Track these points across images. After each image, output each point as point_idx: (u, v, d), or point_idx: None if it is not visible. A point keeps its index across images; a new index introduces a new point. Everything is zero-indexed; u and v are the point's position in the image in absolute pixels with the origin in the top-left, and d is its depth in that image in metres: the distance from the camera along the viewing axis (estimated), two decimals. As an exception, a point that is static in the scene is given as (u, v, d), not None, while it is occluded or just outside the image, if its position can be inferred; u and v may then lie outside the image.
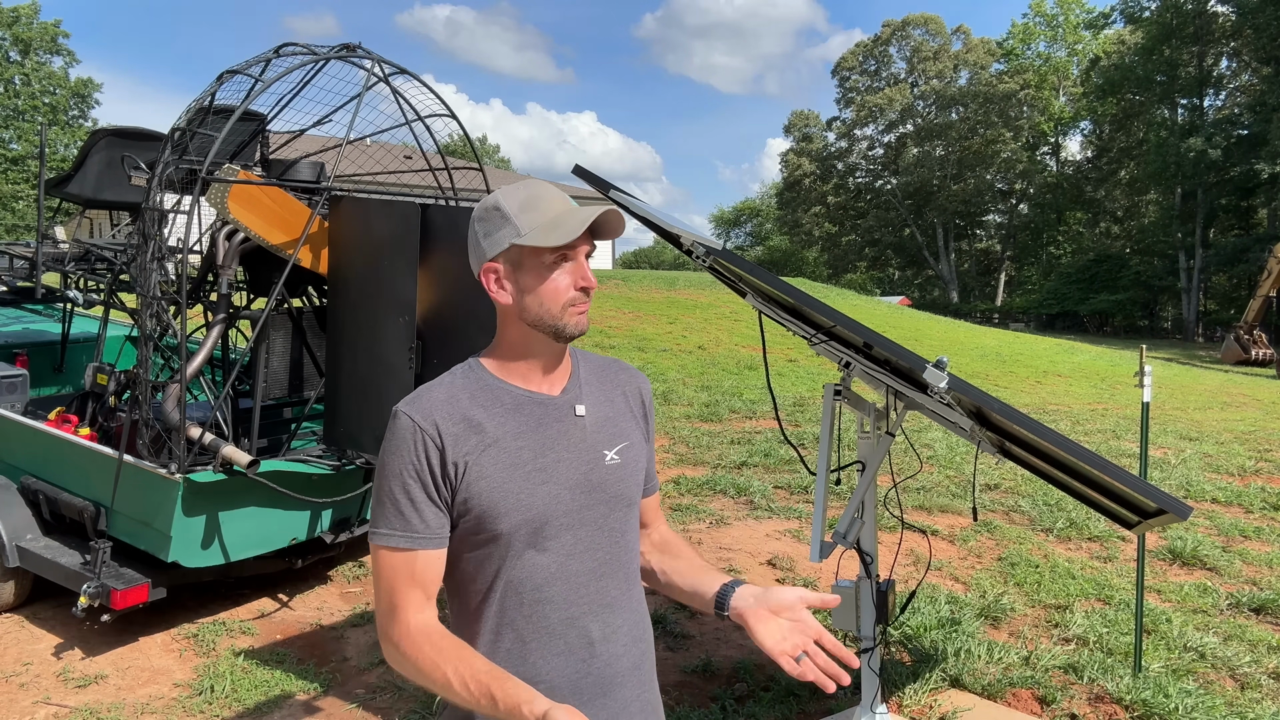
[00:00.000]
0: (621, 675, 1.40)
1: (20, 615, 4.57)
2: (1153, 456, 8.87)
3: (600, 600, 1.38)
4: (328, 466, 4.41)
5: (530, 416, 1.36)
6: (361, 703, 3.73)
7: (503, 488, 1.31)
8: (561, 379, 1.42)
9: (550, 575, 1.34)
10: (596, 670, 1.37)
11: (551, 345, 1.38)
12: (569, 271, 1.33)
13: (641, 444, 1.49)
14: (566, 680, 1.34)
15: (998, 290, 57.64)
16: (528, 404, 1.37)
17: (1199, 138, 40.16)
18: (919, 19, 58.26)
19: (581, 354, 1.50)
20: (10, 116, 42.30)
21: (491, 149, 65.99)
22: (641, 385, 1.54)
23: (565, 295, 1.33)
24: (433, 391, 1.37)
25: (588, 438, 1.39)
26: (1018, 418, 2.05)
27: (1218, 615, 4.77)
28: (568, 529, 1.36)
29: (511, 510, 1.31)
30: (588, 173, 2.78)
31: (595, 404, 1.43)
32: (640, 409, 1.51)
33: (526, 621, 1.34)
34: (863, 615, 2.98)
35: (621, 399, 1.49)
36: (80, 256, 5.61)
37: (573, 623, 1.35)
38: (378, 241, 4.09)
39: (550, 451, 1.36)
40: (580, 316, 1.35)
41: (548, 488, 1.34)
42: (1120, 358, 21.46)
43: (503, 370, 1.40)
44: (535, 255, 1.32)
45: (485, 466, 1.31)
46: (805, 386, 13.64)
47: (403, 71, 4.75)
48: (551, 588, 1.34)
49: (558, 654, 1.34)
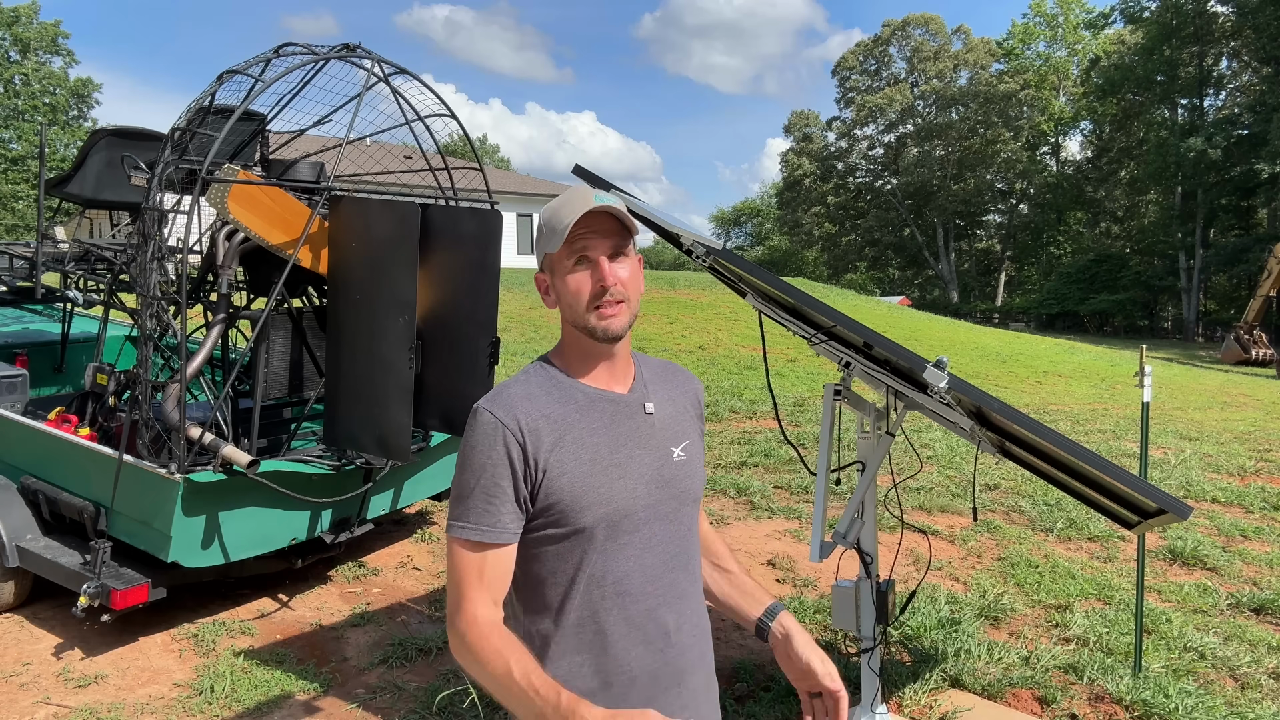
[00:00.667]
0: (692, 664, 1.46)
1: (20, 615, 4.57)
2: (1153, 456, 8.87)
3: (674, 592, 1.43)
4: (328, 466, 4.41)
5: (604, 413, 1.41)
6: (361, 703, 3.73)
7: (584, 482, 1.36)
8: (627, 378, 1.47)
9: (629, 569, 1.38)
10: (672, 659, 1.42)
11: (599, 347, 1.41)
12: (588, 273, 1.37)
13: (700, 443, 1.55)
14: (646, 670, 1.39)
15: (998, 290, 57.63)
16: (600, 401, 1.42)
17: (1199, 138, 40.15)
18: (919, 19, 58.25)
19: (640, 356, 1.55)
20: (10, 116, 42.29)
21: (492, 149, 65.98)
22: (697, 388, 1.60)
23: (584, 296, 1.37)
24: (511, 389, 1.41)
25: (656, 435, 1.45)
26: (1018, 418, 2.05)
27: (1218, 615, 4.77)
28: (645, 523, 1.40)
29: (594, 504, 1.35)
30: (588, 173, 2.78)
31: (661, 403, 1.49)
32: (697, 410, 1.58)
33: (608, 614, 1.37)
34: (863, 615, 2.98)
35: (683, 399, 1.55)
36: (80, 256, 5.61)
37: (651, 614, 1.40)
38: (378, 241, 4.09)
39: (624, 447, 1.40)
40: (609, 319, 1.37)
41: (625, 482, 1.38)
42: (1120, 358, 21.46)
43: (575, 369, 1.45)
44: (559, 261, 1.39)
45: (566, 462, 1.35)
46: (805, 386, 13.64)
47: (403, 71, 4.75)
48: (630, 580, 1.38)
49: (638, 644, 1.38)
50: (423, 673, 4.00)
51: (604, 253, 1.37)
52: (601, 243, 1.36)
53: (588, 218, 1.35)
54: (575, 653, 1.37)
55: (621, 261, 1.39)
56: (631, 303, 1.40)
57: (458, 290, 4.07)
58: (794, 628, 1.48)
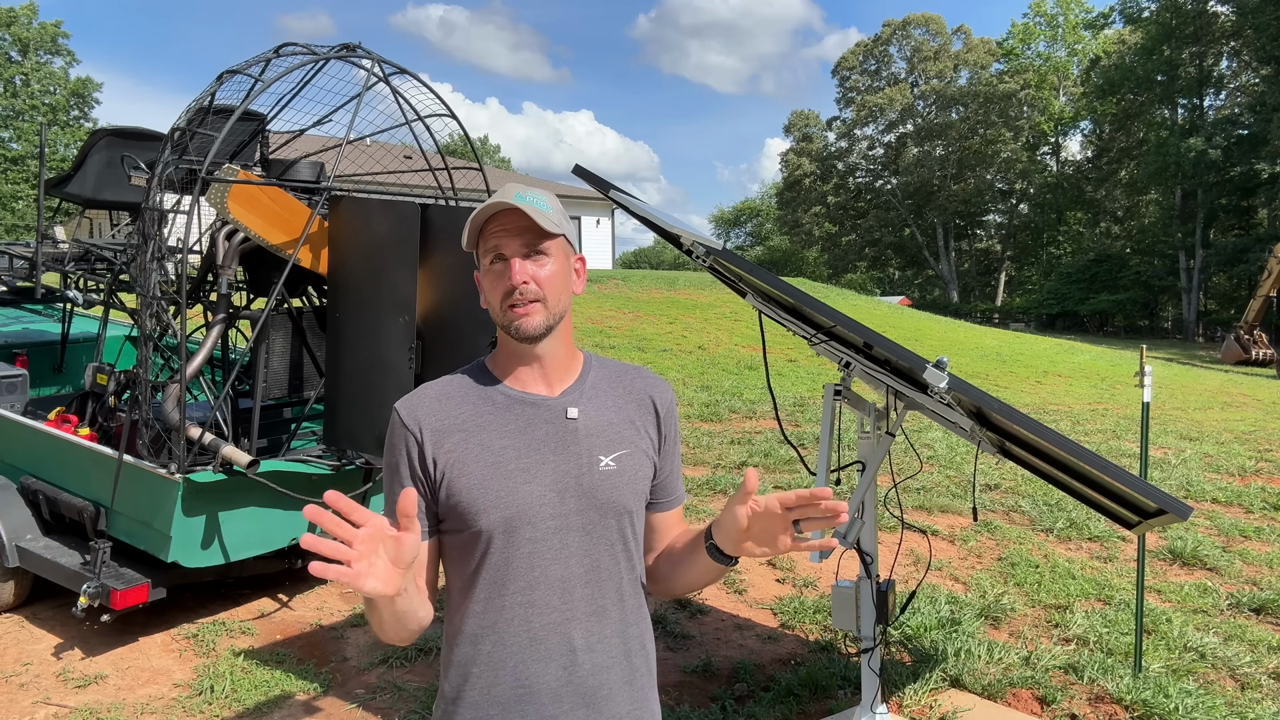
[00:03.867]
0: (610, 688, 1.37)
1: (20, 615, 4.57)
2: (1153, 456, 8.87)
3: (587, 608, 1.36)
4: (328, 466, 4.41)
5: (519, 417, 1.38)
6: (361, 703, 3.73)
7: (483, 485, 1.33)
8: (563, 381, 1.42)
9: (535, 579, 1.33)
10: (579, 680, 1.34)
11: (521, 347, 1.38)
12: (501, 271, 1.35)
13: (645, 454, 1.44)
14: (547, 687, 1.33)
15: (998, 290, 57.63)
16: (519, 404, 1.39)
17: (1199, 138, 40.15)
18: (920, 19, 58.25)
19: (602, 361, 1.50)
20: (10, 116, 42.30)
21: (492, 149, 65.98)
22: (656, 393, 1.49)
23: (497, 295, 1.35)
24: (428, 390, 1.41)
25: (580, 441, 1.38)
26: (1018, 418, 2.05)
27: (1218, 615, 4.77)
28: (555, 533, 1.35)
29: (490, 508, 1.32)
30: (587, 173, 2.78)
31: (597, 409, 1.42)
32: (651, 417, 1.47)
33: (509, 625, 1.33)
34: (863, 615, 2.98)
35: (633, 406, 1.46)
36: (80, 256, 5.61)
37: (556, 628, 1.34)
38: (378, 241, 4.09)
39: (535, 452, 1.35)
40: (519, 318, 1.34)
41: (530, 488, 1.34)
42: (1120, 358, 21.46)
43: (501, 371, 1.43)
44: (480, 259, 1.39)
45: (468, 463, 1.33)
46: (805, 386, 13.64)
47: (402, 71, 4.75)
48: (534, 591, 1.33)
49: (538, 659, 1.33)
50: (422, 673, 4.00)
51: (515, 251, 1.33)
52: (512, 241, 1.34)
53: (502, 215, 1.34)
54: (473, 662, 1.34)
55: (539, 260, 1.35)
56: (550, 302, 1.35)
57: (458, 290, 4.07)
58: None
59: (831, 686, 3.78)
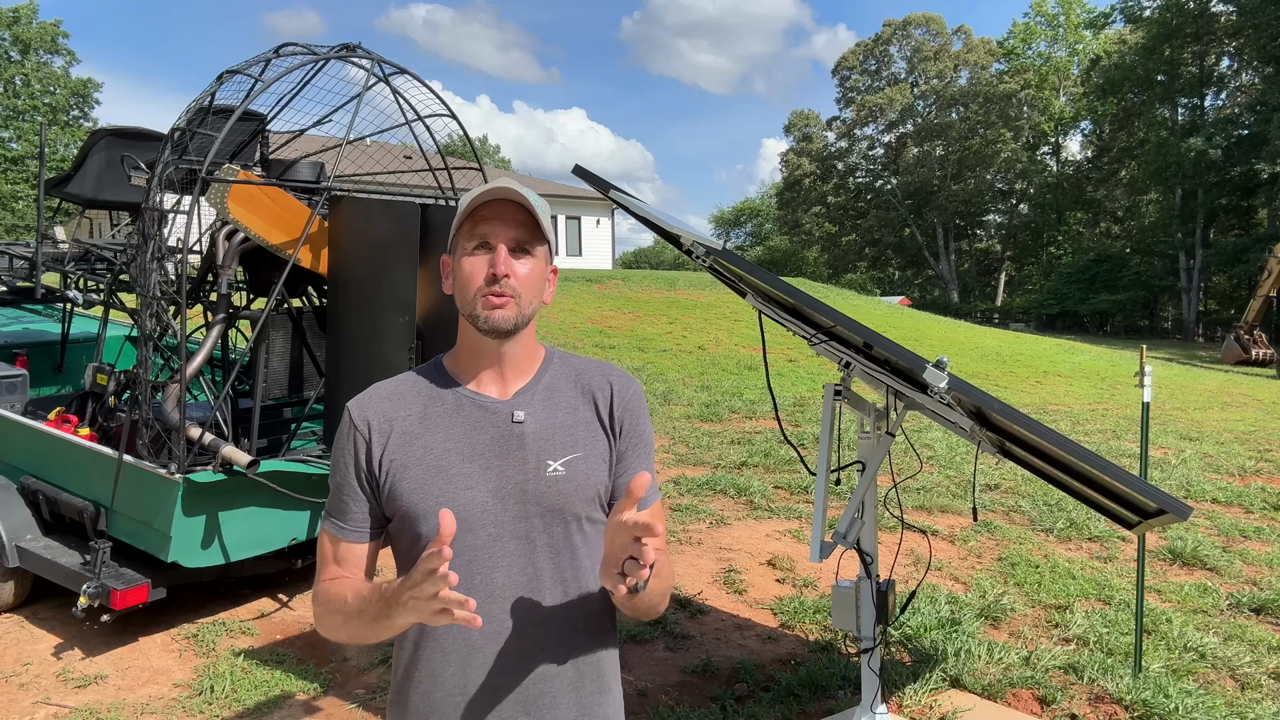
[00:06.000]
0: (553, 695, 1.34)
1: (20, 615, 4.57)
2: (1153, 456, 8.87)
3: (531, 617, 1.33)
4: (327, 467, 4.41)
5: (467, 419, 1.34)
6: (361, 703, 3.73)
7: (423, 489, 1.30)
8: (517, 382, 1.38)
9: (473, 585, 1.30)
10: (519, 686, 1.33)
11: (485, 342, 1.35)
12: (484, 257, 1.32)
13: (600, 456, 1.38)
14: (487, 694, 1.31)
15: (998, 290, 57.62)
16: (468, 406, 1.35)
17: (1199, 137, 40.13)
18: (920, 19, 58.24)
19: (565, 358, 1.45)
20: (10, 116, 42.28)
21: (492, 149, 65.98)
22: (614, 381, 1.42)
23: (475, 282, 1.31)
24: (381, 388, 1.39)
25: (527, 446, 1.34)
26: (1018, 418, 2.05)
27: (1218, 615, 4.77)
28: (496, 540, 1.32)
29: (429, 513, 1.29)
30: (587, 173, 2.78)
31: (548, 411, 1.37)
32: (605, 415, 1.40)
33: (446, 632, 1.31)
34: (863, 615, 2.98)
35: (586, 407, 1.40)
36: (80, 256, 5.61)
37: (493, 636, 1.31)
38: (378, 241, 4.09)
39: (479, 457, 1.32)
40: (494, 310, 1.30)
41: (471, 494, 1.31)
42: (1120, 358, 21.46)
43: (457, 369, 1.40)
44: (461, 243, 1.35)
45: (410, 466, 1.32)
46: (805, 386, 13.64)
47: (402, 71, 4.75)
48: (474, 597, 1.29)
49: (476, 667, 1.32)
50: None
51: (505, 242, 1.31)
52: (504, 231, 1.31)
53: (498, 204, 1.31)
54: (415, 666, 1.34)
55: (523, 259, 1.33)
56: (523, 301, 1.32)
57: (458, 290, 4.06)
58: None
59: (831, 686, 3.78)
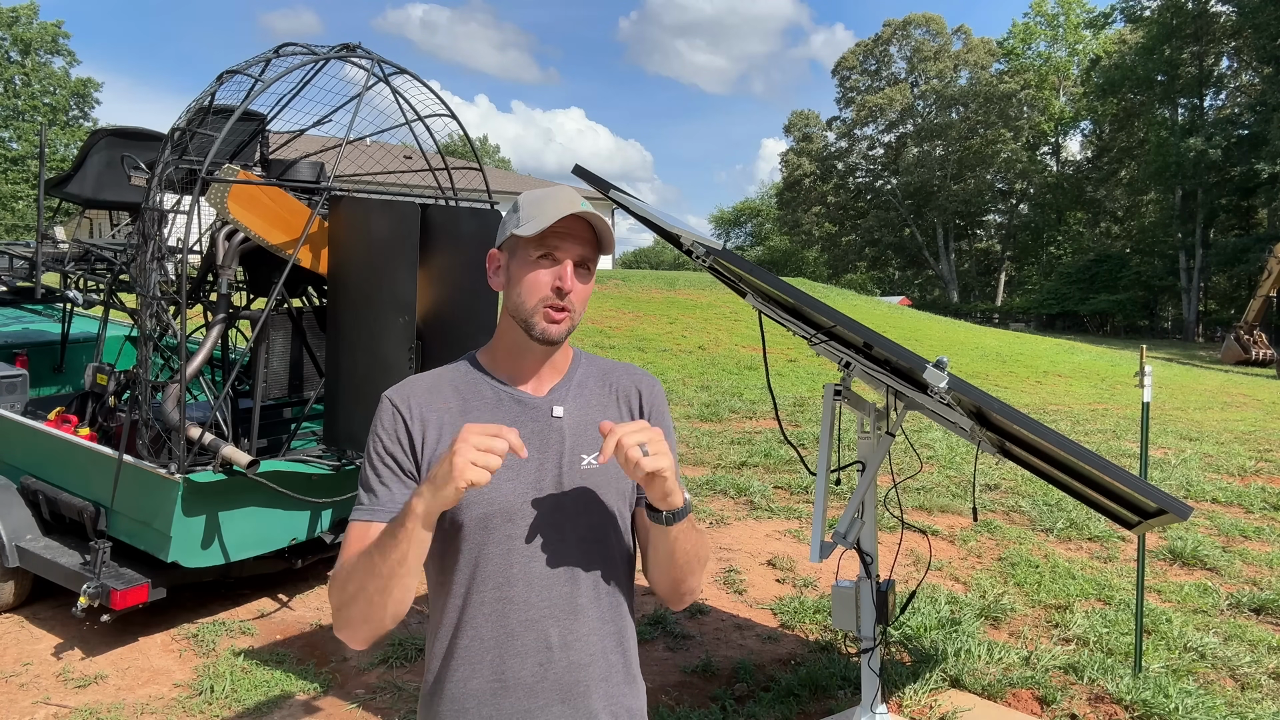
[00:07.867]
0: (587, 684, 1.38)
1: (20, 615, 4.57)
2: (1153, 456, 8.87)
3: (566, 605, 1.37)
4: (328, 466, 4.41)
5: (507, 413, 1.39)
6: (361, 703, 3.73)
7: None
8: (551, 380, 1.44)
9: (513, 575, 1.34)
10: (555, 675, 1.36)
11: (532, 346, 1.39)
12: (550, 270, 1.35)
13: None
14: (523, 682, 1.35)
15: (998, 290, 57.61)
16: (508, 401, 1.40)
17: (1199, 138, 40.12)
18: (920, 19, 58.24)
19: (591, 358, 1.51)
20: (10, 116, 42.28)
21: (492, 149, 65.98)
22: (642, 386, 1.50)
23: (541, 292, 1.35)
24: (419, 380, 1.43)
25: (565, 440, 1.39)
26: (1018, 418, 2.05)
27: (1218, 615, 4.77)
28: (536, 530, 1.36)
29: (469, 503, 1.33)
30: (588, 173, 2.78)
31: (581, 407, 1.43)
32: (635, 413, 1.48)
33: (486, 620, 1.35)
34: (863, 615, 2.98)
35: (615, 404, 1.47)
36: (80, 256, 5.61)
37: (532, 625, 1.35)
38: (378, 241, 4.09)
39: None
40: (552, 323, 1.35)
41: (513, 484, 1.35)
42: (1120, 358, 21.46)
43: (493, 365, 1.44)
44: (525, 248, 1.36)
45: None
46: (805, 386, 13.64)
47: (402, 71, 4.75)
48: (513, 587, 1.35)
49: (514, 655, 1.35)
50: (422, 673, 4.00)
51: (572, 258, 1.36)
52: (574, 248, 1.36)
53: (572, 219, 1.34)
54: (451, 655, 1.36)
55: (582, 274, 1.37)
56: (576, 315, 1.38)
57: (457, 290, 4.07)
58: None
59: (831, 686, 3.78)
